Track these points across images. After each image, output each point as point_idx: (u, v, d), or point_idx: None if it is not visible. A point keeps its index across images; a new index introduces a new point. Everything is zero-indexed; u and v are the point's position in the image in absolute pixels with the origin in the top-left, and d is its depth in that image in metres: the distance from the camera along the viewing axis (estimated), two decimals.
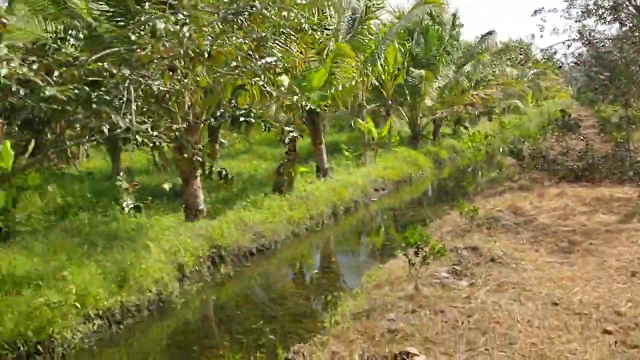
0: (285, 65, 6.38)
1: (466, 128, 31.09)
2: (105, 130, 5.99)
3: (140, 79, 6.09)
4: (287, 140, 14.12)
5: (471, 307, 6.42)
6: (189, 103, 11.93)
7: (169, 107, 10.82)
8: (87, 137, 7.43)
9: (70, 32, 8.20)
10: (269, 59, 6.33)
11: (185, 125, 11.05)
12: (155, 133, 6.08)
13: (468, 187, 18.70)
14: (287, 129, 12.02)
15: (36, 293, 7.20)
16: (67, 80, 6.47)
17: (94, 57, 7.25)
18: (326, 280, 10.28)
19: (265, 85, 6.65)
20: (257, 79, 6.51)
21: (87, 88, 6.09)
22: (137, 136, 5.95)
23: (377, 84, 21.06)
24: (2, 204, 11.05)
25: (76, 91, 6.35)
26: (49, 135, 12.93)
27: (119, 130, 5.94)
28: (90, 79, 6.41)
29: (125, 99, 6.05)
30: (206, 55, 5.57)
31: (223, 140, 21.07)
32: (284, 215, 12.78)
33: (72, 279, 7.55)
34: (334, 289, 9.38)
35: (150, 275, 8.59)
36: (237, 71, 6.33)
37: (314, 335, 6.61)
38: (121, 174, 6.73)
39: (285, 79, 9.09)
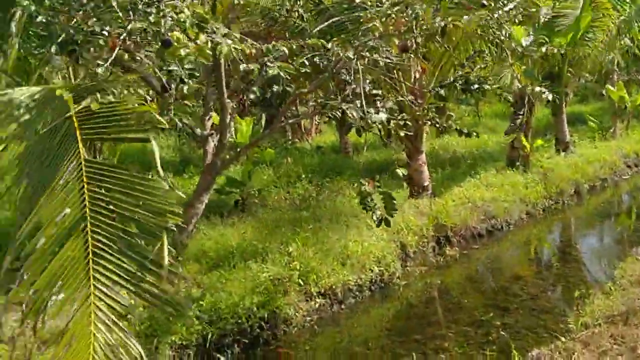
0: (527, 11, 5.38)
1: None
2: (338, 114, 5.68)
3: (367, 54, 5.63)
4: (522, 111, 12.82)
5: None
6: (416, 74, 11.34)
7: (394, 78, 10.31)
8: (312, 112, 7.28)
9: (298, 2, 8.05)
10: (507, 7, 5.40)
11: (410, 98, 10.49)
12: (385, 111, 5.59)
13: None
14: (540, 89, 10.66)
15: (262, 267, 7.27)
16: (293, 53, 6.29)
17: (319, 27, 6.98)
18: (567, 270, 9.01)
19: (503, 41, 5.70)
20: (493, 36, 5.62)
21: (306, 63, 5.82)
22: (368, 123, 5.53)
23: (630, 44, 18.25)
24: (240, 177, 11.67)
25: (302, 68, 6.17)
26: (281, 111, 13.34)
27: (350, 120, 5.59)
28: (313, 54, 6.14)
29: (352, 78, 5.67)
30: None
31: (451, 114, 20.15)
32: (518, 194, 11.60)
33: (296, 255, 7.50)
34: (577, 281, 8.15)
35: (373, 254, 8.25)
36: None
37: (555, 337, 5.65)
38: (362, 181, 6.28)
39: (522, 31, 7.85)
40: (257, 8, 9.89)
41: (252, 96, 8.55)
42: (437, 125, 6.75)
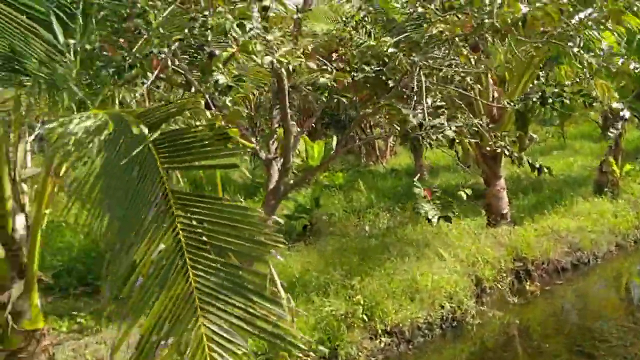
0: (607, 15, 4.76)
1: None
2: (396, 128, 5.28)
3: (431, 62, 5.19)
4: (612, 132, 11.90)
5: None
6: (493, 91, 10.72)
7: (469, 95, 9.76)
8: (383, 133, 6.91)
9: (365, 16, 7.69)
10: (587, 11, 4.80)
11: (484, 119, 9.89)
12: (452, 127, 5.12)
13: None
14: (616, 105, 9.77)
15: (324, 301, 6.91)
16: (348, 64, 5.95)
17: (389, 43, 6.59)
18: None
19: (582, 50, 5.09)
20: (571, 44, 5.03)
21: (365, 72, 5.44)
22: (431, 132, 5.07)
23: None
24: (309, 203, 11.41)
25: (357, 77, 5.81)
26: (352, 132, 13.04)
27: (409, 127, 5.15)
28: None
29: (415, 89, 5.23)
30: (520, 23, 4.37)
31: (533, 135, 19.18)
32: (607, 223, 10.69)
33: (360, 288, 7.08)
34: None
35: (444, 289, 7.70)
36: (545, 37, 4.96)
37: None
38: (415, 178, 5.96)
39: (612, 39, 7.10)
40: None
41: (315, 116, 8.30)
42: (508, 155, 6.14)
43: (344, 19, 7.99)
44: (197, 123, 4.37)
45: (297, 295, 7.07)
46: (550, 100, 6.61)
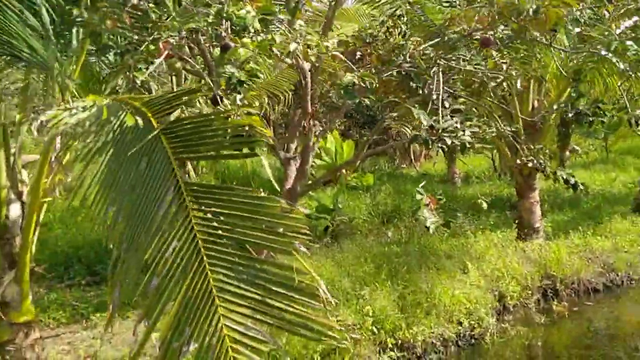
0: None
1: None
2: (408, 131, 4.94)
3: (452, 62, 4.83)
4: None
5: None
6: (534, 101, 10.20)
7: (503, 102, 9.30)
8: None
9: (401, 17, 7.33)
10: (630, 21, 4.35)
11: (518, 126, 9.41)
12: (467, 133, 4.74)
13: None
14: None
15: (331, 309, 6.57)
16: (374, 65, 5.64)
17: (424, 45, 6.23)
18: None
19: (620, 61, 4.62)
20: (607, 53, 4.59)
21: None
22: (445, 136, 4.69)
23: None
24: (332, 203, 11.10)
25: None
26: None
27: (421, 130, 4.79)
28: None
29: (434, 89, 4.88)
30: (531, 13, 3.97)
31: (576, 147, 18.43)
32: None
33: (371, 298, 6.72)
34: None
35: (463, 304, 7.28)
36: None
37: None
38: (420, 186, 5.63)
39: None
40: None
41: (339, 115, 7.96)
42: (540, 170, 5.73)
43: (380, 18, 7.66)
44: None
45: None
46: (586, 119, 6.17)
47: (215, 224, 2.93)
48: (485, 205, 6.28)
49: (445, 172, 17.25)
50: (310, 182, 7.46)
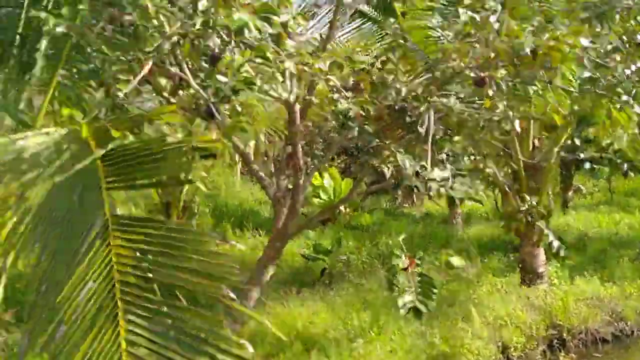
0: None
1: None
2: (386, 172, 4.63)
3: (443, 100, 4.54)
4: None
5: None
6: (534, 141, 9.94)
7: (503, 144, 9.00)
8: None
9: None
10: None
11: (517, 168, 9.12)
12: (457, 183, 4.44)
13: None
14: None
15: None
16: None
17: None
18: None
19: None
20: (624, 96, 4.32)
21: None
22: (432, 185, 4.39)
23: None
24: (330, 244, 10.74)
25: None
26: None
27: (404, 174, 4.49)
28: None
29: (423, 129, 4.59)
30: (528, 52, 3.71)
31: (581, 186, 18.10)
32: None
33: (365, 351, 6.34)
34: None
35: (464, 357, 6.88)
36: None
37: None
38: (398, 251, 5.27)
39: None
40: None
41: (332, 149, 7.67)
42: (530, 222, 5.43)
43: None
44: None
45: (297, 354, 6.36)
46: (587, 165, 5.88)
47: (139, 262, 2.65)
48: (454, 264, 5.91)
49: (448, 212, 16.90)
50: (303, 221, 7.12)
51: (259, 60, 3.49)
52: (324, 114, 5.99)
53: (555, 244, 5.72)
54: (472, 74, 4.22)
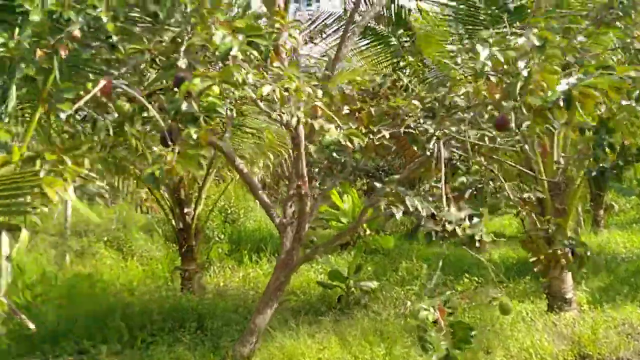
0: None
1: None
2: (396, 214, 4.30)
3: (454, 134, 4.23)
4: None
5: None
6: (559, 157, 9.49)
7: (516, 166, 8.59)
8: None
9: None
10: None
11: (541, 189, 8.67)
12: (480, 227, 4.12)
13: None
14: None
15: None
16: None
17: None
18: None
19: None
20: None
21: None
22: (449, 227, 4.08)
23: None
24: (347, 270, 10.38)
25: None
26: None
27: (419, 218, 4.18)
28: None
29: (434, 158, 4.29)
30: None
31: (614, 204, 17.41)
32: None
33: None
34: None
35: None
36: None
37: None
38: (424, 306, 4.78)
39: None
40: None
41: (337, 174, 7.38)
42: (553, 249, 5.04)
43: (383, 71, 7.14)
44: None
45: None
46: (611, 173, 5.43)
47: None
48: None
49: None
50: (309, 249, 6.80)
51: (225, 85, 3.18)
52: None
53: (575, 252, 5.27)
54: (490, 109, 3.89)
